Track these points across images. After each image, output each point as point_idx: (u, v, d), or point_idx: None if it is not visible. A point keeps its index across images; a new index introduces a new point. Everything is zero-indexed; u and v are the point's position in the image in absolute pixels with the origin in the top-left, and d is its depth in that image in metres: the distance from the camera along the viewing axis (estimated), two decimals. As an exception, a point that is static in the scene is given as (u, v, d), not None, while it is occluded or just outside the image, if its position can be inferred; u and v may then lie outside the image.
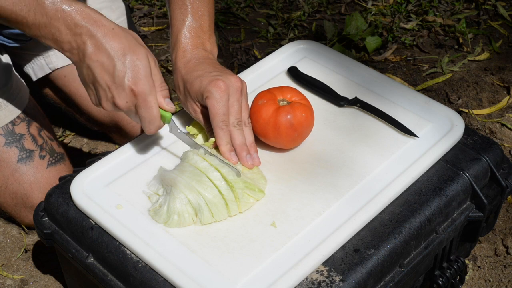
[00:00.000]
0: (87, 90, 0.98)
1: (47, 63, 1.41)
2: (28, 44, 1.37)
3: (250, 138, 1.04)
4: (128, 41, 0.94)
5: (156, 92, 0.97)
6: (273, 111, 1.03)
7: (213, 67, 1.04)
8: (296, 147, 1.07)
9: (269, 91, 1.06)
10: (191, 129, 1.08)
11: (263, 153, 1.06)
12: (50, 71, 1.42)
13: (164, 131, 1.09)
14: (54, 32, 0.93)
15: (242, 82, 1.03)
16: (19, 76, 1.31)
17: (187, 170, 0.97)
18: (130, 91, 0.94)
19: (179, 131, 1.03)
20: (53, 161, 1.30)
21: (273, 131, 1.03)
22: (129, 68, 0.93)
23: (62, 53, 0.96)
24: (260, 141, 1.07)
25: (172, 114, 1.02)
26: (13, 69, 1.30)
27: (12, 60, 1.33)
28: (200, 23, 1.09)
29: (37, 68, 1.42)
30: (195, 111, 1.05)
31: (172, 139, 1.09)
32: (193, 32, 1.08)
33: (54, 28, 0.93)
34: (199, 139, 1.06)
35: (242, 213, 0.97)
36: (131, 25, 1.45)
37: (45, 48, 1.39)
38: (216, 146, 1.02)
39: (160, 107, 0.98)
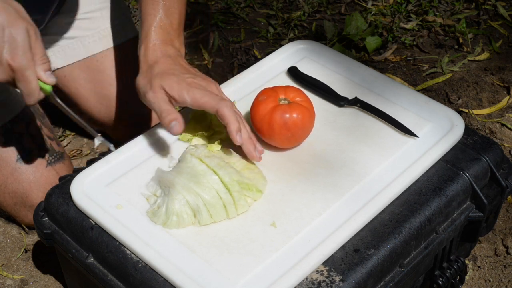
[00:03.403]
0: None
1: None
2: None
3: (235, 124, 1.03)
4: (8, 14, 0.92)
5: (37, 65, 0.96)
6: (270, 109, 1.03)
7: (185, 68, 1.05)
8: (294, 147, 1.07)
9: (273, 89, 1.06)
10: (184, 136, 1.07)
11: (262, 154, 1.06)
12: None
13: (165, 131, 1.09)
14: None
15: (215, 82, 1.05)
16: None
17: (184, 171, 0.97)
18: (8, 65, 0.93)
19: (58, 100, 1.02)
20: (53, 160, 1.29)
21: (268, 128, 1.03)
22: (7, 42, 0.92)
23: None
24: (258, 139, 1.07)
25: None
26: None
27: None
28: (170, 20, 1.10)
29: (36, 68, 1.42)
30: (157, 97, 1.03)
31: (172, 139, 1.09)
32: (164, 28, 1.09)
33: None
34: (195, 141, 1.06)
35: (240, 214, 0.97)
36: (131, 24, 1.45)
37: (45, 48, 1.39)
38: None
39: (40, 80, 0.97)
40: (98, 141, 1.02)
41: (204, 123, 1.09)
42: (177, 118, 1.00)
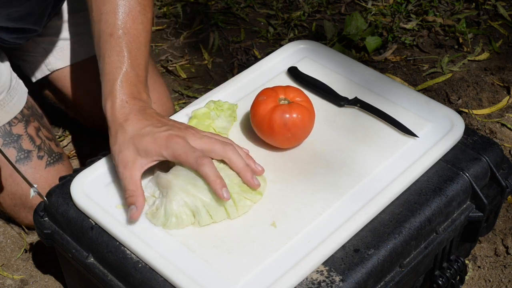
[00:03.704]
0: None
1: (46, 64, 1.40)
2: (26, 45, 1.37)
3: (240, 161, 0.98)
4: None
5: None
6: (270, 109, 1.03)
7: (158, 120, 0.99)
8: (294, 147, 1.07)
9: (273, 89, 1.06)
10: None
11: (263, 153, 1.06)
12: (49, 72, 1.41)
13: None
14: None
15: (192, 128, 1.00)
16: (17, 76, 1.31)
17: (181, 174, 0.96)
18: None
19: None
20: (52, 161, 1.29)
21: (267, 128, 1.03)
22: None
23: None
24: (259, 140, 1.07)
25: None
26: (11, 69, 1.30)
27: (10, 61, 1.33)
28: (137, 72, 1.03)
29: (36, 69, 1.42)
30: (125, 175, 0.97)
31: (172, 139, 1.09)
32: (130, 81, 1.02)
33: None
34: None
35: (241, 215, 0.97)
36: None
37: (44, 50, 1.39)
38: None
39: None
40: (33, 192, 1.00)
41: (207, 123, 1.08)
42: (137, 202, 0.95)
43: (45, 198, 1.00)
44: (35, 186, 1.00)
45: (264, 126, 1.04)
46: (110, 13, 1.05)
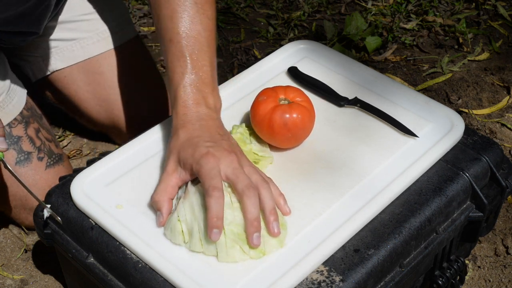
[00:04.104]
0: None
1: (46, 64, 1.40)
2: (26, 45, 1.37)
3: (267, 204, 0.91)
4: None
5: None
6: (270, 109, 1.03)
7: (210, 134, 0.96)
8: (294, 147, 1.07)
9: (273, 89, 1.06)
10: None
11: (263, 153, 1.07)
12: (49, 72, 1.41)
13: (165, 129, 1.09)
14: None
15: (236, 153, 0.94)
16: (16, 77, 1.31)
17: (200, 191, 0.92)
18: None
19: (8, 167, 1.00)
20: (52, 162, 1.29)
21: (268, 128, 1.03)
22: None
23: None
24: (258, 139, 1.07)
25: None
26: (10, 70, 1.30)
27: (10, 61, 1.33)
28: (200, 75, 1.01)
29: (36, 69, 1.42)
30: (163, 178, 0.96)
31: (172, 139, 1.09)
32: (194, 86, 1.00)
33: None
34: None
35: (227, 262, 0.91)
36: (130, 25, 1.45)
37: (44, 50, 1.39)
38: None
39: None
40: (47, 212, 1.00)
41: (247, 149, 1.03)
42: (162, 209, 0.94)
43: (59, 218, 0.99)
44: (48, 206, 0.99)
45: (264, 126, 1.04)
46: (167, 19, 1.04)
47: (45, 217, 1.00)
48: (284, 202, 0.96)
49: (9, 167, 1.00)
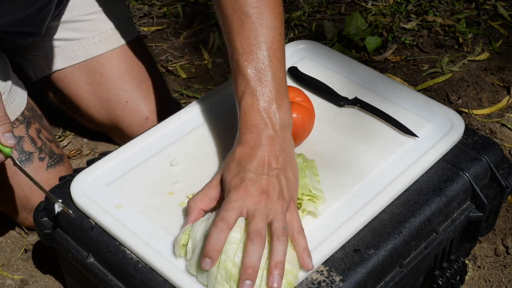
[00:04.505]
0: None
1: (47, 64, 1.40)
2: (28, 45, 1.37)
3: (275, 256, 0.86)
4: None
5: None
6: None
7: (259, 163, 0.92)
8: (294, 147, 1.07)
9: None
10: None
11: (263, 153, 1.07)
12: (50, 72, 1.41)
13: (165, 129, 1.09)
14: None
15: (269, 195, 0.89)
16: (17, 78, 1.31)
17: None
18: None
19: (17, 163, 1.00)
20: (52, 162, 1.29)
21: None
22: None
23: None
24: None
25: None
26: (11, 71, 1.30)
27: (12, 60, 1.33)
28: (263, 91, 0.95)
29: (37, 69, 1.42)
30: (205, 187, 0.95)
31: (172, 140, 1.09)
32: (257, 106, 0.95)
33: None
34: None
35: None
36: (131, 26, 1.45)
37: (45, 49, 1.39)
38: None
39: None
40: (58, 207, 1.00)
41: (304, 182, 0.98)
42: (190, 216, 0.92)
43: (71, 212, 0.98)
44: (60, 201, 0.99)
45: None
46: (226, 33, 1.00)
47: (56, 212, 0.99)
48: (307, 256, 0.89)
49: (17, 163, 1.00)
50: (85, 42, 1.39)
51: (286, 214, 0.90)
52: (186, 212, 0.95)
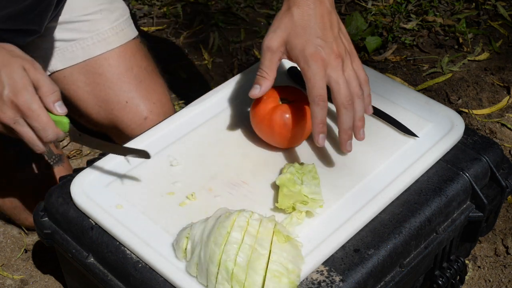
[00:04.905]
0: None
1: (46, 65, 1.40)
2: (26, 46, 1.37)
3: (358, 113, 0.99)
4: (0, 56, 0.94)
5: (44, 98, 0.95)
6: (270, 109, 1.03)
7: (323, 25, 0.97)
8: (294, 147, 1.07)
9: (273, 89, 1.06)
10: (281, 204, 0.96)
11: (263, 153, 1.06)
12: (49, 73, 1.41)
13: (165, 129, 1.09)
14: None
15: (342, 58, 0.97)
16: None
17: (217, 222, 0.89)
18: (11, 104, 0.93)
19: (79, 135, 1.00)
20: (52, 163, 1.29)
21: (268, 128, 1.03)
22: (5, 83, 0.92)
23: None
24: (258, 139, 1.07)
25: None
26: None
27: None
28: None
29: (36, 70, 1.42)
30: (265, 54, 0.99)
31: (172, 139, 1.09)
32: None
33: None
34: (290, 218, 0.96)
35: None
36: (130, 26, 1.45)
37: (44, 50, 1.39)
38: None
39: (50, 112, 0.96)
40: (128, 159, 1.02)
41: (296, 190, 0.97)
42: (263, 84, 0.99)
43: (149, 154, 1.01)
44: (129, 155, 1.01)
45: (264, 126, 1.04)
46: None
47: (128, 160, 1.01)
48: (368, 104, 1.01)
49: (78, 137, 1.00)
50: (84, 43, 1.38)
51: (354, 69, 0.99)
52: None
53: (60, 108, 0.97)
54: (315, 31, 0.96)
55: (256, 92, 0.99)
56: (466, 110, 1.60)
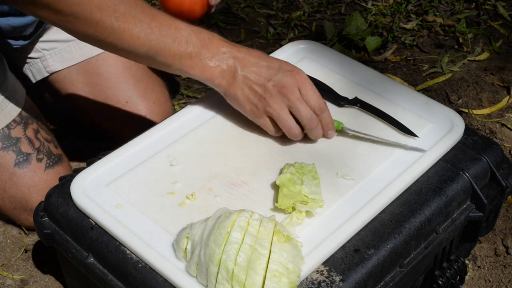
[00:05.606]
0: (257, 121, 1.07)
1: (45, 66, 1.41)
2: (26, 47, 1.37)
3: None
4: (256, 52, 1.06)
5: None
6: None
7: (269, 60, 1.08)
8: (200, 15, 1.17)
9: None
10: (281, 204, 0.96)
11: (263, 153, 1.07)
12: (48, 74, 1.41)
13: (165, 129, 1.09)
14: (203, 60, 1.02)
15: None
16: (15, 78, 1.31)
17: (219, 222, 0.88)
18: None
19: (350, 133, 1.08)
20: (51, 163, 1.29)
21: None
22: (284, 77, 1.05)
23: (212, 81, 1.05)
24: (258, 139, 1.07)
25: None
26: (9, 71, 1.29)
27: (10, 62, 1.32)
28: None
29: (35, 71, 1.42)
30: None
31: (172, 140, 1.09)
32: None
33: (203, 56, 1.02)
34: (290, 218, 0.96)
35: None
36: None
37: (42, 51, 1.39)
38: None
39: None
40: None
41: (296, 189, 0.97)
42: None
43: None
44: None
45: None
46: None
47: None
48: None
49: (350, 131, 1.09)
50: (81, 43, 1.38)
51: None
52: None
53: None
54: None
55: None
56: (466, 110, 1.60)
